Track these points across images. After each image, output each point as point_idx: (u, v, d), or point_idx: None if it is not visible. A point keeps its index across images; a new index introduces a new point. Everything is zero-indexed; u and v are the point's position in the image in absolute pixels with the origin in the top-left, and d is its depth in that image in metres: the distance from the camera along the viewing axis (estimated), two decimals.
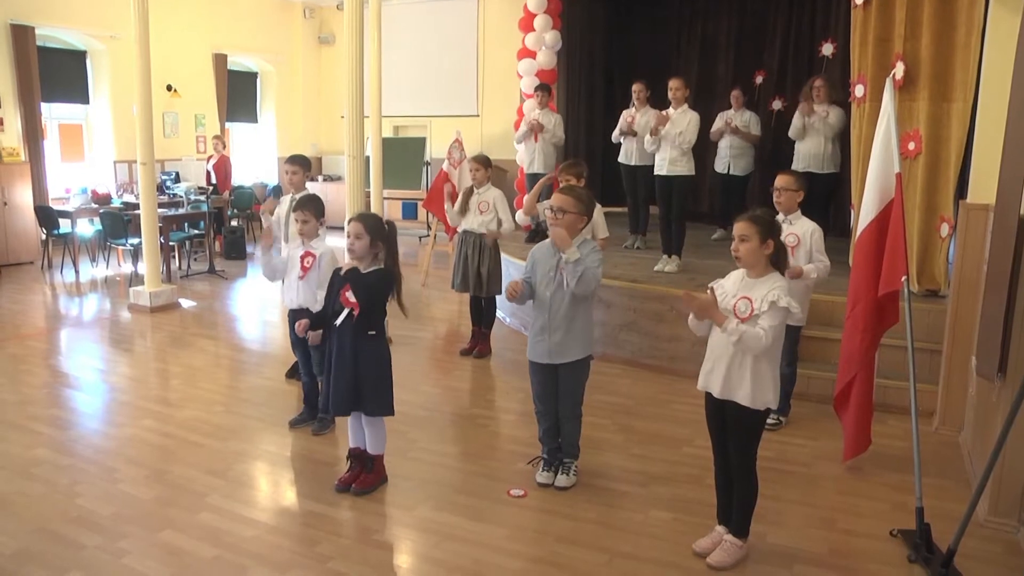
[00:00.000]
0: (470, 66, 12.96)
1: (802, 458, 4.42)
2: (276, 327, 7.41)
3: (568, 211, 3.75)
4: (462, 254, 6.22)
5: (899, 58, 5.46)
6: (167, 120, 12.21)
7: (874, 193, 4.00)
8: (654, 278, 6.46)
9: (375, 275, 3.76)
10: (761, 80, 9.83)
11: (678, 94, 6.60)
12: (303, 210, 4.47)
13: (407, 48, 13.17)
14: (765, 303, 3.06)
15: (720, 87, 10.14)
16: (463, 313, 7.50)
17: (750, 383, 3.12)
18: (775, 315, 3.06)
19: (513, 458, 4.38)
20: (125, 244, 9.31)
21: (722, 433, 3.29)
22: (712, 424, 3.33)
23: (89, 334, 7.07)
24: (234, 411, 5.11)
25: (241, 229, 11.39)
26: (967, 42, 5.17)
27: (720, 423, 3.28)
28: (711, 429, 3.35)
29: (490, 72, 12.71)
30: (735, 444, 3.24)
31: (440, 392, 5.60)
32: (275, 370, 5.96)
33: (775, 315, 3.06)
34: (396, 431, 4.50)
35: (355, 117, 6.29)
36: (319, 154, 14.69)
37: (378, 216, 3.95)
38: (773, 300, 3.05)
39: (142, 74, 7.54)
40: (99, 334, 7.08)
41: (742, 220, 3.17)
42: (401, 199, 13.33)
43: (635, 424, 4.94)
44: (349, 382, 3.76)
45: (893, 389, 5.02)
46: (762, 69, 9.90)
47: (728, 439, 3.26)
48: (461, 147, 8.57)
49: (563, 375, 3.93)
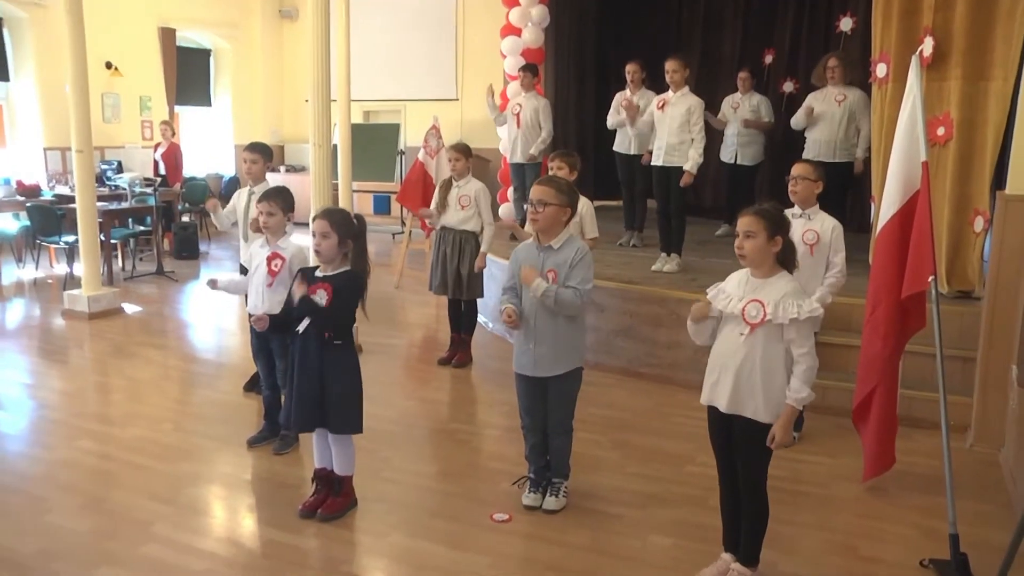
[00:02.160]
0: (448, 45, 12.95)
1: (818, 478, 4.43)
2: (234, 335, 7.37)
3: (549, 203, 3.75)
4: (440, 253, 6.20)
5: (928, 32, 5.45)
6: (107, 102, 12.07)
7: (897, 184, 4.02)
8: (652, 279, 6.46)
9: (343, 278, 3.74)
10: (771, 60, 9.86)
11: (676, 76, 6.58)
12: (270, 201, 4.43)
13: (379, 25, 13.13)
14: (783, 315, 3.06)
15: (725, 68, 10.18)
16: (441, 318, 7.49)
17: (761, 395, 3.12)
18: (805, 331, 3.08)
19: (497, 478, 4.36)
20: (58, 242, 9.18)
21: (729, 450, 3.29)
22: (717, 440, 3.33)
23: (14, 344, 6.97)
24: (185, 429, 5.06)
25: (193, 225, 11.31)
26: (1012, 10, 5.11)
27: (726, 439, 3.27)
28: (716, 446, 3.35)
29: (471, 51, 12.70)
30: (744, 462, 3.24)
31: (416, 405, 5.59)
32: (232, 382, 5.92)
33: (805, 331, 3.08)
34: (367, 449, 4.47)
35: (321, 101, 6.26)
36: (281, 142, 14.63)
37: (345, 211, 3.93)
38: (795, 316, 3.05)
39: (75, 48, 7.42)
40: (26, 344, 6.99)
41: (747, 214, 3.18)
42: (372, 192, 13.31)
43: (631, 440, 4.94)
44: (313, 395, 3.74)
45: (920, 401, 5.03)
46: (772, 47, 9.93)
47: (736, 457, 3.26)
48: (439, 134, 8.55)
49: (552, 387, 3.92)
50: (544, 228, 3.79)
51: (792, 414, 3.12)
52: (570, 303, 3.74)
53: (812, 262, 4.50)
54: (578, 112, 10.76)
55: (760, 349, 3.12)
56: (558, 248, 3.80)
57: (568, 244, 3.82)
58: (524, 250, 3.93)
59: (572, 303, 3.74)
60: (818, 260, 4.54)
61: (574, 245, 3.84)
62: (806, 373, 3.09)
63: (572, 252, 3.79)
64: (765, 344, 3.12)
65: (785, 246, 3.17)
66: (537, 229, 3.82)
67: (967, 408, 4.89)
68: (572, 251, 3.79)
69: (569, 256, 3.78)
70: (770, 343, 3.11)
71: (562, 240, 3.82)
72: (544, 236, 3.82)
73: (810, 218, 4.59)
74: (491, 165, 11.00)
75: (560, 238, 3.82)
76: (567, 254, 3.78)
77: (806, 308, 3.07)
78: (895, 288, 3.98)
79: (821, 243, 4.55)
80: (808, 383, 3.10)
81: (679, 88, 6.61)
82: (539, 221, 3.77)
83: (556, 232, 3.81)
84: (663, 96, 6.69)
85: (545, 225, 3.78)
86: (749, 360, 3.13)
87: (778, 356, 3.12)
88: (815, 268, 4.54)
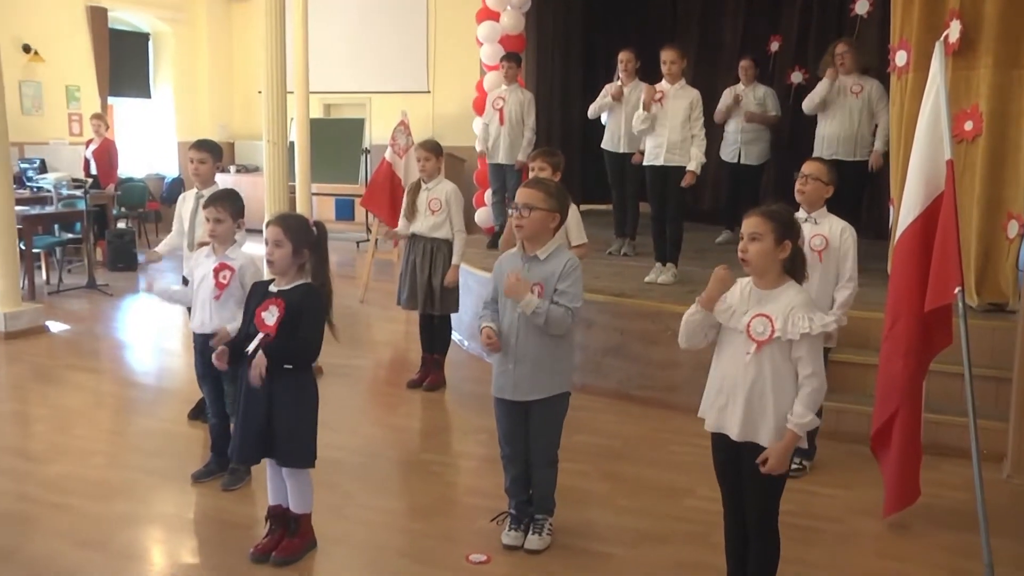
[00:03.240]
0: (419, 31, 12.98)
1: (833, 512, 4.44)
2: (177, 356, 7.31)
3: (536, 207, 3.75)
4: (410, 263, 6.20)
5: (954, 15, 5.48)
6: (26, 92, 11.91)
7: (919, 185, 4.05)
8: (645, 291, 6.48)
9: (298, 293, 3.72)
10: (777, 47, 9.92)
11: (673, 68, 6.62)
12: (217, 206, 4.42)
13: (341, 7, 13.14)
14: (793, 331, 3.06)
15: (726, 57, 10.24)
16: (411, 336, 7.45)
17: (773, 419, 3.12)
18: (815, 347, 3.08)
19: (474, 514, 4.35)
20: None
21: (737, 482, 3.29)
22: (724, 470, 3.33)
23: None
24: (120, 463, 5.01)
25: (131, 232, 11.25)
26: None
27: (735, 470, 3.27)
28: (722, 476, 3.35)
29: (443, 38, 12.74)
30: (753, 496, 3.24)
31: (383, 434, 5.57)
32: (175, 410, 5.86)
33: (815, 347, 3.08)
34: (327, 483, 4.44)
35: (276, 93, 6.24)
36: (230, 138, 14.59)
37: (303, 217, 3.93)
38: (806, 331, 3.05)
39: None
40: None
41: (754, 214, 3.19)
42: (334, 195, 13.27)
43: (623, 471, 4.94)
44: (259, 423, 3.72)
45: (947, 426, 5.04)
46: (778, 34, 10.00)
47: (746, 490, 3.26)
48: (408, 131, 8.54)
49: (535, 413, 3.92)
50: (529, 236, 3.79)
51: (793, 441, 3.11)
52: (560, 323, 3.74)
53: (822, 270, 4.51)
54: (563, 106, 10.80)
55: (769, 368, 3.12)
56: (545, 259, 3.80)
57: (556, 254, 3.82)
58: (508, 260, 3.94)
59: (563, 323, 3.75)
60: (828, 267, 4.55)
61: (563, 256, 3.84)
62: (811, 396, 3.09)
63: (561, 264, 3.79)
64: (775, 363, 3.12)
65: (794, 252, 3.18)
66: (522, 237, 3.82)
67: (1002, 434, 4.90)
68: (560, 263, 3.79)
69: (557, 268, 3.78)
70: (780, 361, 3.12)
71: (549, 250, 3.82)
72: (529, 245, 3.82)
73: (817, 222, 4.61)
74: (466, 165, 11.01)
75: (547, 247, 3.82)
76: (554, 266, 3.78)
77: (818, 322, 3.07)
78: (917, 301, 4.00)
79: (831, 248, 4.56)
80: (813, 408, 3.10)
81: (676, 80, 6.64)
82: (524, 228, 3.77)
83: (543, 240, 3.81)
84: (659, 88, 6.71)
85: (531, 232, 3.78)
86: (759, 382, 3.13)
87: (789, 375, 3.12)
88: (825, 276, 4.55)
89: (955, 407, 4.98)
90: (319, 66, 11.09)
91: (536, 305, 3.69)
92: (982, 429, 3.76)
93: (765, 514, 3.23)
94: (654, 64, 6.88)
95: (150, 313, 8.93)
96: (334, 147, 12.22)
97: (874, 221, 8.18)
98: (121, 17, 13.35)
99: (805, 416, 3.08)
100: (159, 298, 4.62)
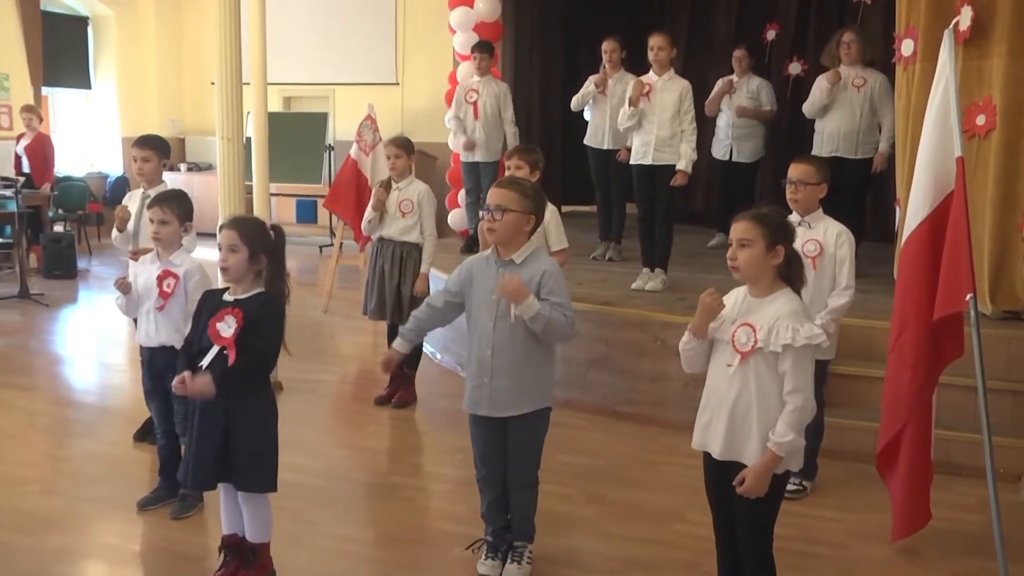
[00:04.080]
0: (387, 18, 12.99)
1: (835, 537, 4.47)
2: (121, 372, 7.27)
3: (509, 209, 3.75)
4: (377, 270, 6.20)
5: (966, 1, 5.51)
6: None
7: (927, 184, 4.08)
8: (632, 299, 6.52)
9: (256, 303, 3.71)
10: (774, 36, 10.01)
11: (661, 55, 6.65)
12: (162, 206, 4.40)
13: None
14: (776, 342, 3.08)
15: (719, 46, 10.31)
16: (379, 348, 7.45)
17: (757, 438, 3.14)
18: (801, 361, 3.09)
19: (447, 542, 4.35)
20: None
21: (727, 505, 3.31)
22: (713, 494, 3.36)
23: None
24: (57, 491, 4.96)
25: (69, 236, 11.15)
26: None
27: (724, 492, 3.29)
28: (712, 500, 3.37)
29: (413, 26, 12.76)
30: (744, 520, 3.26)
31: (348, 455, 5.56)
32: (119, 431, 5.82)
33: (801, 361, 3.09)
34: (287, 510, 4.42)
35: (230, 84, 6.23)
36: (180, 134, 14.56)
37: (260, 220, 3.92)
38: (788, 342, 3.06)
39: None
40: None
41: (743, 218, 3.22)
42: (295, 196, 13.24)
43: (609, 493, 4.95)
44: (216, 445, 3.70)
45: (960, 443, 5.07)
46: (775, 22, 10.08)
47: (735, 513, 3.28)
48: (375, 126, 8.55)
49: (513, 430, 3.92)
50: (502, 240, 3.80)
51: (772, 462, 3.11)
52: (563, 330, 3.74)
53: (816, 277, 4.52)
54: (543, 99, 10.83)
55: (755, 382, 3.14)
56: (521, 263, 3.81)
57: (533, 258, 3.83)
58: (478, 264, 3.93)
59: (565, 331, 3.75)
60: (823, 275, 4.57)
61: (540, 260, 3.85)
62: (794, 415, 3.09)
63: (540, 270, 3.79)
64: (761, 376, 3.14)
65: (789, 258, 3.20)
66: (494, 241, 3.82)
67: (1019, 452, 4.94)
68: (539, 268, 3.80)
69: (536, 274, 3.78)
70: (767, 375, 3.14)
71: (525, 254, 3.82)
72: (503, 249, 3.83)
73: (811, 226, 4.63)
74: (438, 163, 11.02)
75: (523, 251, 3.82)
76: (532, 271, 3.79)
77: (803, 333, 3.08)
78: (926, 309, 4.03)
79: (825, 254, 4.59)
80: (796, 427, 3.10)
81: (665, 69, 6.66)
82: (496, 231, 3.77)
83: (517, 244, 3.81)
84: (646, 81, 6.72)
85: (503, 236, 3.78)
86: (744, 397, 3.16)
87: (776, 390, 3.14)
88: (820, 284, 4.57)
89: (968, 423, 5.00)
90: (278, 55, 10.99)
91: (538, 308, 3.67)
92: (997, 447, 3.78)
93: (757, 540, 3.24)
94: (641, 55, 6.90)
95: (91, 325, 8.87)
96: (294, 144, 12.18)
97: (879, 223, 8.26)
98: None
99: (786, 435, 3.07)
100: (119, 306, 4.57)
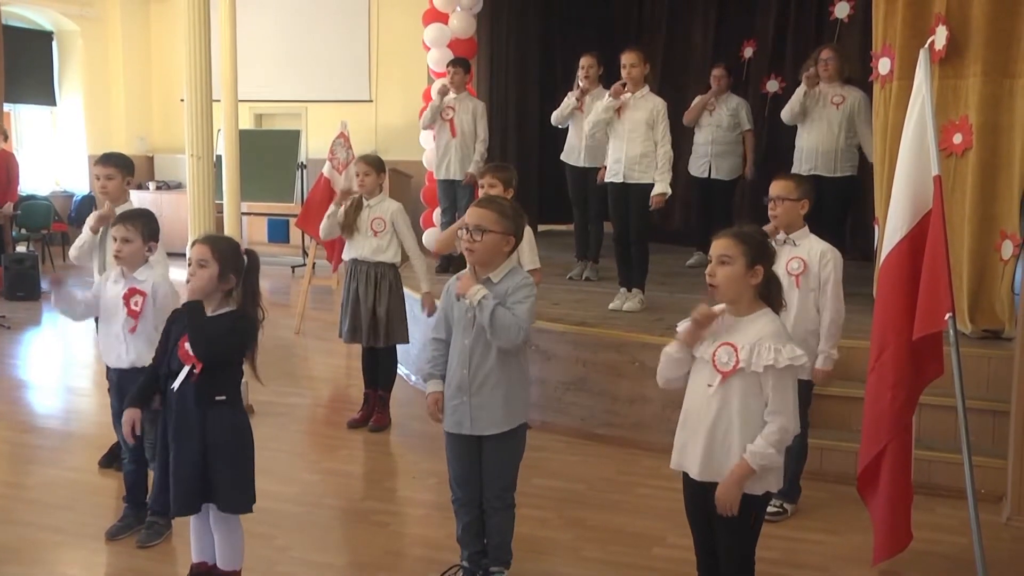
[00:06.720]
0: (360, 34, 13.03)
1: (817, 559, 4.48)
2: (86, 396, 7.22)
3: (488, 229, 3.78)
4: (351, 291, 6.19)
5: (940, 20, 5.57)
6: None
7: (905, 203, 4.12)
8: (609, 319, 6.52)
9: (225, 320, 3.70)
10: (751, 53, 10.08)
11: (634, 72, 6.66)
12: (127, 223, 4.39)
13: (273, 6, 13.13)
14: (758, 362, 3.11)
15: (696, 63, 10.38)
16: (353, 370, 7.43)
17: (739, 458, 3.16)
18: (783, 382, 3.11)
19: (423, 568, 4.34)
20: None
21: (707, 528, 3.32)
22: (694, 516, 3.38)
23: None
24: (17, 520, 4.90)
25: (32, 257, 11.09)
26: None
27: (704, 514, 3.31)
28: (692, 523, 3.39)
29: (387, 42, 12.80)
30: (725, 543, 3.28)
31: (321, 480, 5.54)
32: (84, 457, 5.78)
33: (783, 382, 3.11)
34: (259, 535, 4.41)
35: (200, 101, 6.22)
36: (149, 152, 14.53)
37: (235, 241, 3.92)
38: (770, 363, 3.10)
39: None
40: None
41: (724, 236, 3.25)
42: (266, 215, 13.20)
43: (588, 517, 4.95)
44: (195, 466, 3.68)
45: (941, 464, 5.10)
46: (752, 39, 10.15)
47: (716, 535, 3.29)
48: (348, 144, 8.55)
49: (489, 449, 3.94)
50: (481, 261, 3.82)
51: (744, 473, 3.13)
52: (507, 328, 3.73)
53: (799, 296, 4.56)
54: (519, 116, 10.84)
55: (736, 403, 3.17)
56: (498, 281, 3.85)
57: (510, 276, 3.86)
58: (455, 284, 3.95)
59: (510, 330, 3.73)
60: (806, 294, 4.61)
61: (517, 277, 3.88)
62: (776, 435, 3.12)
63: (515, 283, 3.83)
64: (742, 397, 3.17)
65: (767, 279, 3.24)
66: (472, 262, 3.84)
67: (1000, 473, 4.94)
68: (515, 282, 3.84)
69: (509, 286, 3.82)
70: (750, 396, 3.17)
71: (503, 272, 3.86)
72: (481, 269, 3.85)
73: (796, 243, 4.67)
74: (412, 182, 11.03)
75: (500, 270, 3.86)
76: (508, 285, 3.83)
77: (785, 354, 3.11)
78: (905, 328, 4.05)
79: (809, 273, 4.61)
80: (777, 447, 3.13)
81: (638, 87, 6.70)
82: (475, 252, 3.79)
83: (496, 265, 3.85)
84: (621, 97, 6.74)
85: (482, 257, 3.81)
86: (724, 417, 3.18)
87: (758, 411, 3.17)
88: (803, 303, 4.60)
89: (948, 443, 5.05)
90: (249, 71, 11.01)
91: (484, 295, 3.72)
92: (978, 467, 3.81)
93: (738, 563, 3.26)
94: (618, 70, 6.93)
95: (55, 348, 8.80)
96: (266, 161, 12.16)
97: (859, 242, 8.31)
98: (17, 12, 13.07)
99: (765, 450, 3.10)
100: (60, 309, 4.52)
